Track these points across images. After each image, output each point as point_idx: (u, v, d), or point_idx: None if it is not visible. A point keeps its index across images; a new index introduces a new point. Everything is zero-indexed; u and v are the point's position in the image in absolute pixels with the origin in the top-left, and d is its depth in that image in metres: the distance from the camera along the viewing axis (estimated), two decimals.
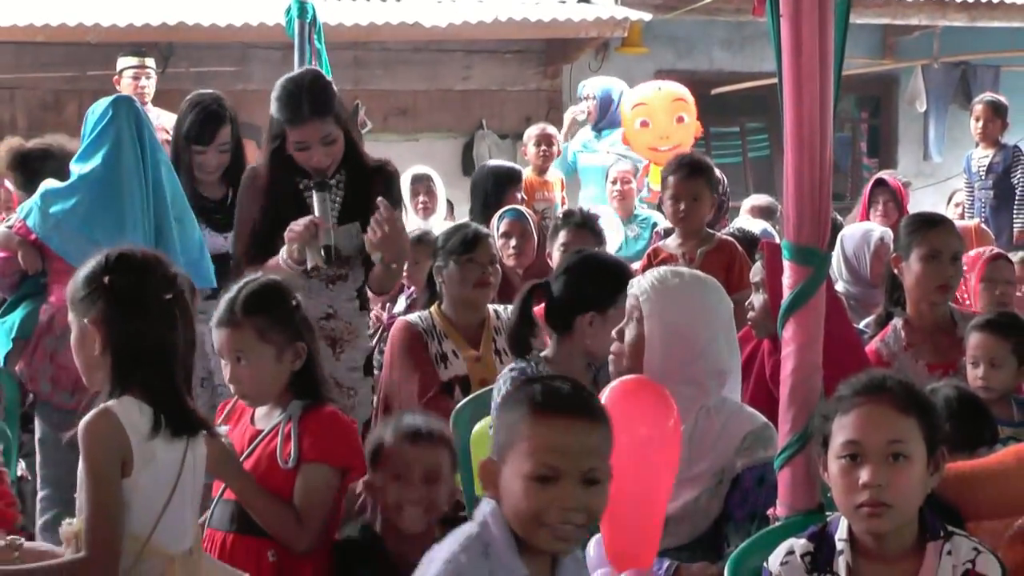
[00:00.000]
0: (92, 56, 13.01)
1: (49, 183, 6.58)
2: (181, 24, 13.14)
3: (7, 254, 6.67)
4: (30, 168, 7.11)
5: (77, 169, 6.47)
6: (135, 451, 3.62)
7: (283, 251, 5.78)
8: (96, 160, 6.39)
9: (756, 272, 5.65)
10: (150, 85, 11.41)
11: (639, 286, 4.47)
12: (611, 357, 4.55)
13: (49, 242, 6.44)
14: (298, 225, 5.73)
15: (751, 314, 5.61)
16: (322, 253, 5.67)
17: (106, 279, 3.71)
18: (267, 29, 12.25)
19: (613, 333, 4.57)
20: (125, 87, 11.29)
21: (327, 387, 4.63)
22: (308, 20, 10.73)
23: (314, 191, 5.83)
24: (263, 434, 4.45)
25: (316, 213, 5.75)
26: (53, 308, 6.42)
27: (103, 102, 6.57)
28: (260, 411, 4.54)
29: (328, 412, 4.47)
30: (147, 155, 6.40)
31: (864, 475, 3.31)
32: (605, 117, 12.19)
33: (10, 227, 6.69)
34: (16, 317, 6.70)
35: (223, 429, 4.43)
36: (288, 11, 10.69)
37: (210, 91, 7.28)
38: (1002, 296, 6.51)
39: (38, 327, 6.54)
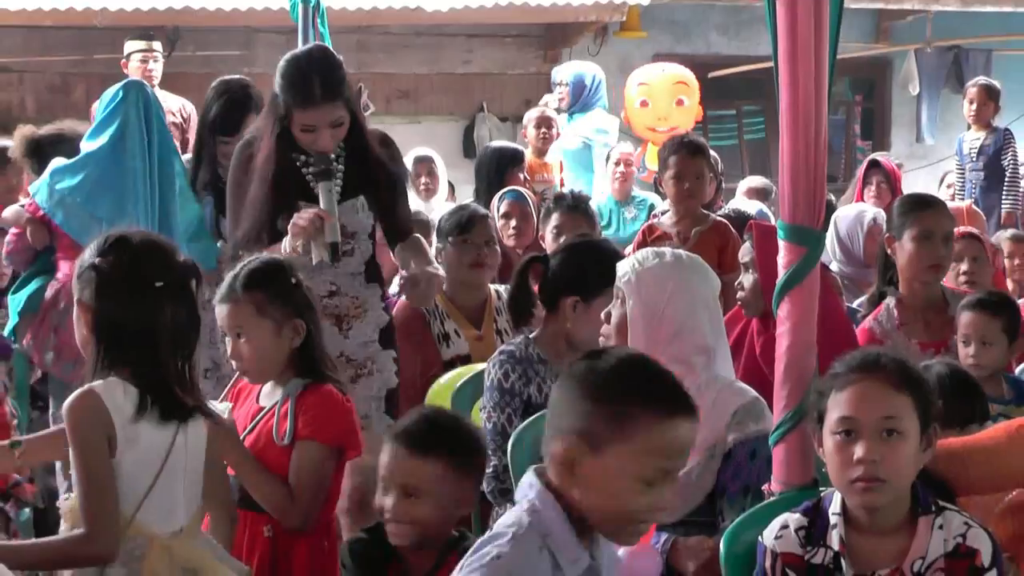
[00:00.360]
0: (99, 40, 13.01)
1: (57, 161, 6.73)
2: (187, 8, 13.12)
3: (18, 230, 6.89)
4: (43, 153, 7.14)
5: (85, 148, 6.64)
6: (118, 432, 3.60)
7: (286, 242, 5.51)
8: (103, 139, 6.55)
9: (745, 252, 5.63)
10: (157, 68, 11.40)
11: (621, 268, 4.48)
12: (600, 339, 4.55)
13: (54, 217, 6.58)
14: (303, 219, 5.45)
15: (741, 294, 5.61)
16: (327, 249, 5.42)
17: (97, 261, 3.69)
18: (271, 13, 12.26)
19: (601, 315, 4.57)
20: (132, 70, 11.28)
21: (328, 366, 4.59)
22: (312, 4, 10.71)
23: (319, 182, 5.55)
24: (264, 411, 4.46)
25: (322, 205, 5.47)
26: (59, 283, 6.56)
27: (116, 86, 6.70)
28: (265, 389, 4.53)
29: (325, 391, 4.44)
30: (153, 137, 6.56)
31: (859, 450, 3.32)
32: (578, 102, 12.12)
33: (22, 206, 6.93)
34: (25, 293, 6.80)
35: (224, 406, 4.43)
36: None
37: (237, 77, 7.20)
38: (970, 273, 6.48)
39: (44, 302, 6.67)
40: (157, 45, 11.55)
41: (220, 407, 4.31)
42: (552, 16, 14.56)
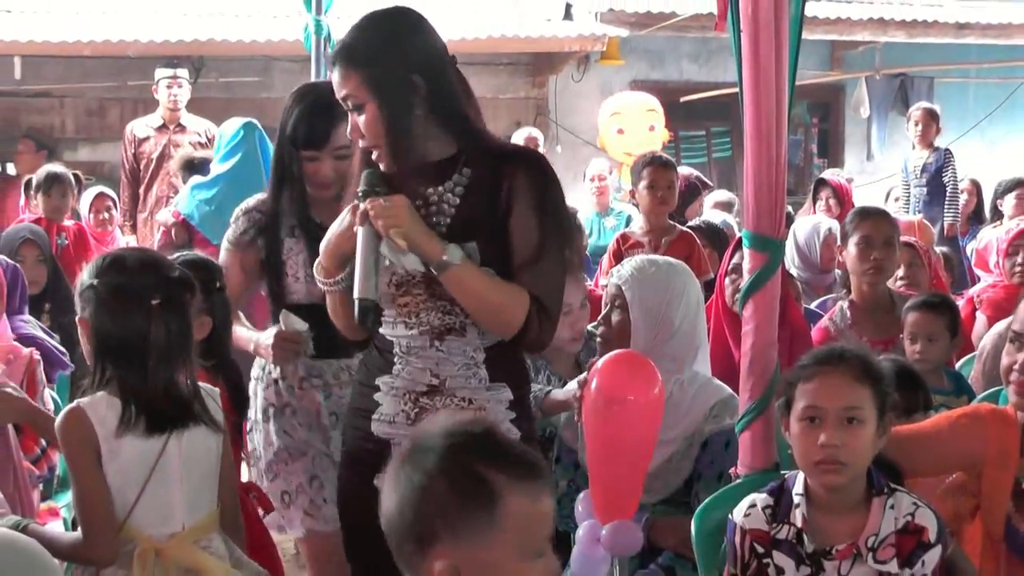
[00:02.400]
0: (132, 68, 12.98)
1: (196, 179, 8.39)
2: (211, 39, 13.13)
3: (165, 230, 8.42)
4: (195, 169, 8.88)
5: (216, 169, 8.17)
6: (102, 445, 3.54)
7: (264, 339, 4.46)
8: (230, 164, 7.99)
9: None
10: (183, 93, 11.40)
11: (620, 275, 4.51)
12: (599, 341, 4.57)
13: (191, 220, 8.11)
14: (284, 341, 4.36)
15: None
16: (356, 316, 3.48)
17: (95, 282, 3.61)
18: (287, 44, 12.22)
19: (600, 319, 4.58)
20: (161, 96, 11.29)
21: (224, 360, 4.47)
22: (323, 36, 10.75)
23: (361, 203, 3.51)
24: None
25: (359, 252, 3.49)
26: None
27: (236, 122, 8.13)
28: None
29: (210, 378, 4.26)
30: (265, 163, 7.55)
31: (822, 436, 3.34)
32: None
33: (170, 211, 8.49)
34: None
35: None
36: (305, 28, 10.72)
37: (323, 81, 5.72)
38: (906, 277, 6.51)
39: None
40: (183, 72, 11.56)
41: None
42: (540, 47, 14.59)
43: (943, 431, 3.73)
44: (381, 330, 3.65)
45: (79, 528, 3.60)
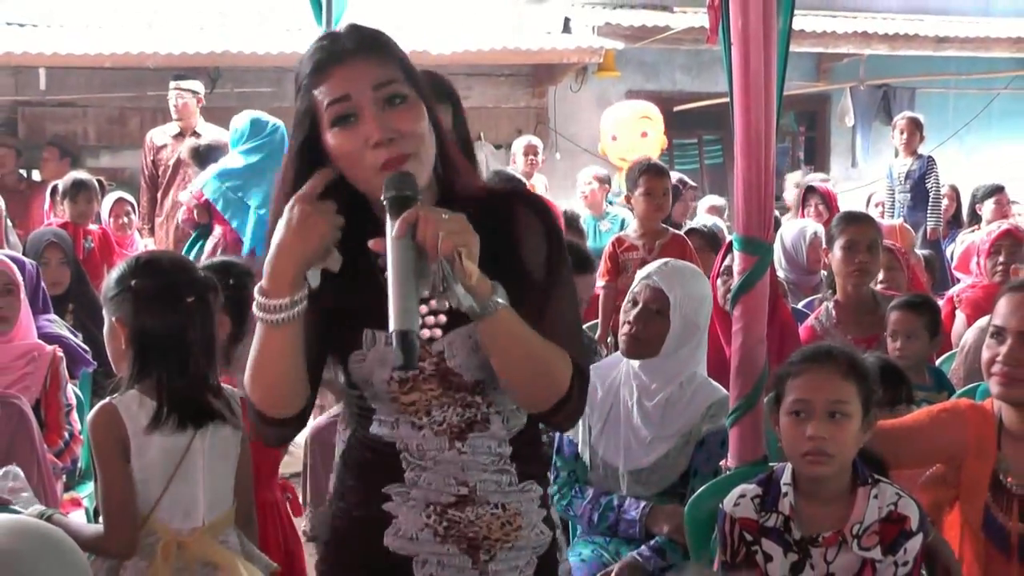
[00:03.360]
0: (151, 79, 12.97)
1: (221, 164, 9.45)
2: (226, 52, 13.13)
3: (189, 208, 9.50)
4: (203, 158, 9.98)
5: (242, 160, 9.33)
6: (132, 441, 3.54)
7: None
8: (255, 157, 9.25)
9: None
10: (194, 102, 11.42)
11: (663, 280, 4.51)
12: (626, 337, 4.54)
13: (216, 203, 9.28)
14: None
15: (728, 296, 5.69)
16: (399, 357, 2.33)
17: (132, 282, 3.60)
18: (298, 55, 12.16)
19: (631, 317, 4.55)
20: (170, 106, 11.32)
21: (245, 361, 4.38)
22: None
23: (392, 216, 2.42)
24: None
25: (392, 272, 2.38)
26: (216, 240, 9.35)
27: (249, 115, 9.57)
28: None
29: (230, 379, 4.20)
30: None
31: (810, 429, 3.35)
32: None
33: (191, 193, 9.57)
34: (192, 249, 9.48)
35: None
36: None
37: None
38: (886, 280, 6.55)
39: (208, 252, 9.17)
40: (198, 85, 11.53)
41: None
42: (539, 59, 14.59)
43: (924, 425, 3.74)
44: (373, 429, 2.72)
45: (101, 520, 3.61)
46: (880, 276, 6.44)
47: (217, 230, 9.41)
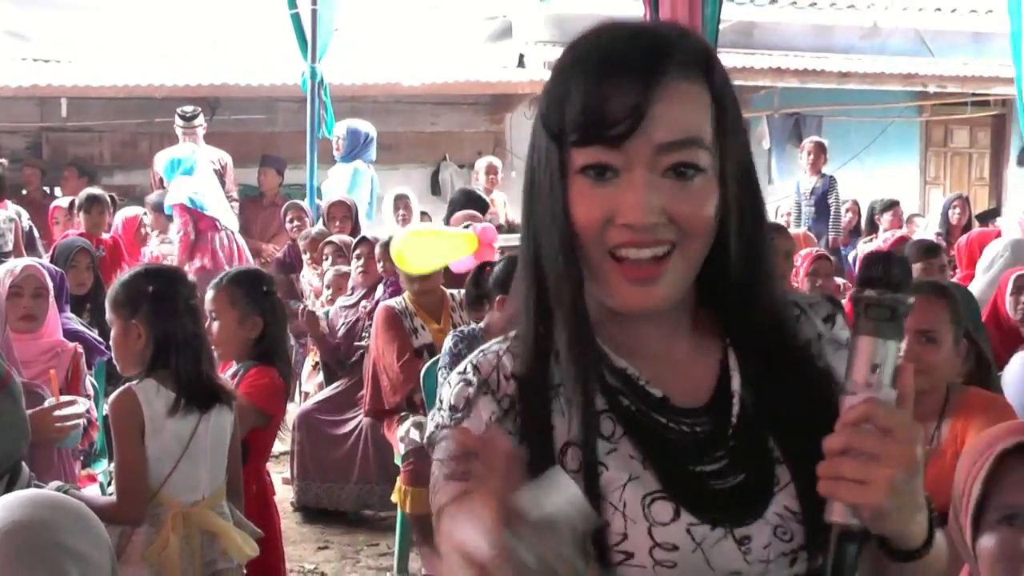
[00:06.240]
0: (159, 107, 12.92)
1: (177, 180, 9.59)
2: (224, 84, 13.19)
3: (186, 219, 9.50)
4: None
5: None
6: (147, 424, 3.57)
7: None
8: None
9: None
10: (200, 129, 11.38)
11: None
12: None
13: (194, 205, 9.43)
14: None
15: None
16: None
17: (149, 288, 3.65)
18: (287, 87, 12.22)
19: None
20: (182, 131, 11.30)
21: (280, 357, 4.45)
22: (317, 80, 10.84)
23: (882, 339, 1.34)
24: None
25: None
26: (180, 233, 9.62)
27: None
28: (232, 369, 4.44)
29: (268, 370, 4.34)
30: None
31: None
32: (353, 151, 10.74)
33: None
34: None
35: None
36: (303, 74, 10.76)
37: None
38: (822, 286, 6.63)
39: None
40: (188, 110, 11.33)
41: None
42: (498, 89, 14.66)
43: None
44: None
45: (113, 491, 3.64)
46: (819, 283, 6.59)
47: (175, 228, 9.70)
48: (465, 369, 1.53)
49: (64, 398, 4.30)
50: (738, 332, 1.53)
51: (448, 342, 5.34)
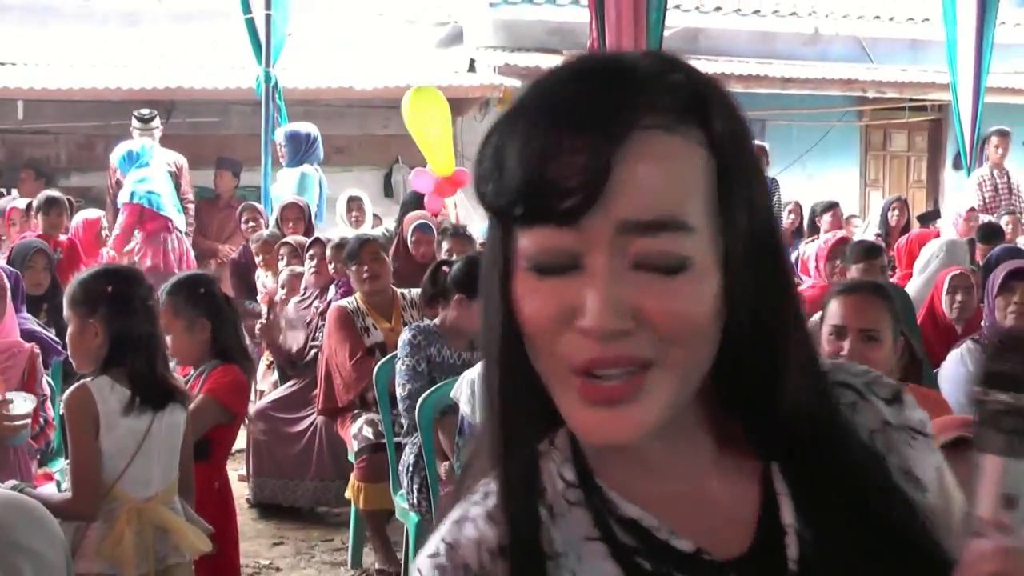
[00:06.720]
0: (115, 110, 12.82)
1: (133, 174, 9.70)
2: (180, 87, 13.07)
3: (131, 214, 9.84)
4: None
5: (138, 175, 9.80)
6: (102, 420, 3.55)
7: None
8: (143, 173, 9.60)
9: None
10: (157, 131, 11.30)
11: None
12: None
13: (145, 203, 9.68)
14: None
15: None
16: None
17: (108, 287, 3.64)
18: (241, 91, 12.16)
19: None
20: (137, 133, 11.21)
21: (238, 352, 4.44)
22: (272, 84, 10.82)
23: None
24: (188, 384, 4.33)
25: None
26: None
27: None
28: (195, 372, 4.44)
29: (230, 367, 4.35)
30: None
31: None
32: (298, 155, 10.42)
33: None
34: None
35: None
36: (257, 78, 10.72)
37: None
38: None
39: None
40: (156, 120, 11.23)
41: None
42: (449, 93, 14.48)
43: None
44: None
45: (68, 487, 3.62)
46: None
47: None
48: (436, 551, 1.10)
49: (10, 394, 4.26)
50: (778, 441, 1.12)
51: (405, 335, 5.40)
